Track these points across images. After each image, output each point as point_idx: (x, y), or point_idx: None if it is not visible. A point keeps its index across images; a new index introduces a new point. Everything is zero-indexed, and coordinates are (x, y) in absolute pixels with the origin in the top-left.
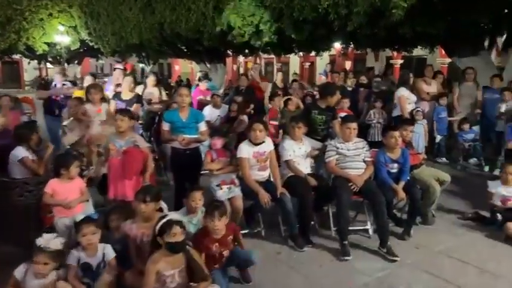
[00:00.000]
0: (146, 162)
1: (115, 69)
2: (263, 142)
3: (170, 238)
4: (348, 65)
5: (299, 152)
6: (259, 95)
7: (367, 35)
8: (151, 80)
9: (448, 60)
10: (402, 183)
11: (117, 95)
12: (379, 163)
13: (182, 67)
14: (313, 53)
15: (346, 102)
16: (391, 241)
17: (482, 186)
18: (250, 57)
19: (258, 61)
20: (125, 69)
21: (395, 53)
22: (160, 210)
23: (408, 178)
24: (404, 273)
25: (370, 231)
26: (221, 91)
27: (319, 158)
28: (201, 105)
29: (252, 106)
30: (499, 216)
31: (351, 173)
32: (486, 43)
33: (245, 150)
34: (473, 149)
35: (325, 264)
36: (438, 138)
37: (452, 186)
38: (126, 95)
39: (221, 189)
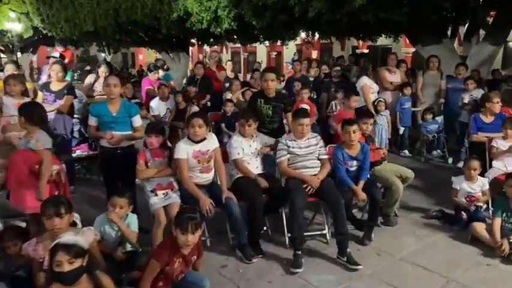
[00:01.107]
0: (40, 166)
1: (48, 57)
2: (204, 139)
3: (55, 267)
4: (314, 54)
5: (249, 149)
6: (216, 86)
7: (329, 22)
8: (102, 70)
9: (413, 49)
10: (362, 183)
11: (45, 86)
12: (337, 160)
13: (146, 56)
14: (279, 42)
15: (306, 93)
16: (351, 247)
17: (446, 180)
18: (216, 46)
19: (224, 50)
20: (61, 57)
21: (361, 43)
22: (74, 224)
23: (368, 176)
24: (364, 287)
25: (328, 236)
26: (184, 81)
27: (269, 157)
28: (150, 96)
29: (208, 97)
30: (464, 215)
31: (305, 174)
32: (449, 32)
33: (183, 149)
34: (436, 141)
35: (275, 279)
36: (402, 129)
37: (416, 180)
38: (55, 86)
39: (156, 195)
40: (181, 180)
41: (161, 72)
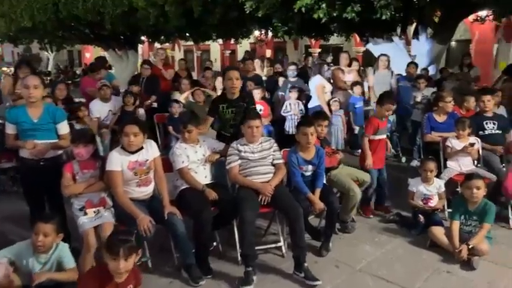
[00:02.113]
0: None
1: None
2: (142, 148)
3: None
4: (268, 53)
5: (194, 156)
6: (164, 85)
7: (281, 20)
8: (23, 71)
9: (363, 48)
10: (318, 191)
11: None
12: (292, 164)
13: (94, 54)
14: (232, 41)
15: (259, 93)
16: (308, 259)
17: (401, 180)
18: (167, 44)
19: (177, 48)
20: None
21: (313, 42)
22: None
23: (324, 182)
24: None
25: (284, 249)
26: None
27: (221, 163)
28: (90, 98)
29: (154, 98)
30: (422, 218)
31: (257, 181)
32: (398, 30)
33: (117, 160)
34: (389, 140)
35: None
36: (357, 129)
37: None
38: None
39: (85, 214)
40: (114, 196)
41: (103, 72)
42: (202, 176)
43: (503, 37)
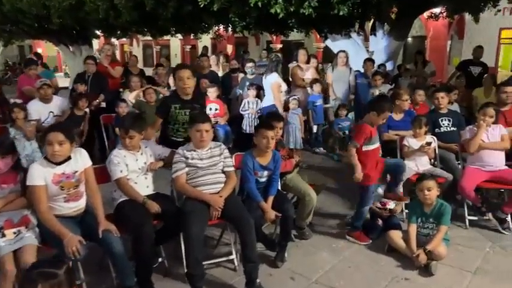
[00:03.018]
0: None
1: None
2: (69, 159)
3: None
4: (230, 49)
5: (135, 165)
6: (112, 83)
7: (238, 15)
8: None
9: (324, 45)
10: (271, 199)
11: None
12: (247, 169)
13: (47, 50)
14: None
15: (215, 91)
16: (262, 271)
17: None
18: (125, 39)
19: (135, 43)
20: None
21: (275, 37)
22: None
23: (279, 188)
24: None
25: (236, 262)
26: None
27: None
28: (28, 98)
29: (102, 97)
30: (379, 222)
31: (207, 192)
32: (357, 27)
33: (39, 173)
34: (348, 137)
35: None
36: (315, 128)
37: (330, 182)
38: None
39: (3, 235)
40: (37, 213)
41: (39, 68)
42: (144, 186)
43: (455, 34)
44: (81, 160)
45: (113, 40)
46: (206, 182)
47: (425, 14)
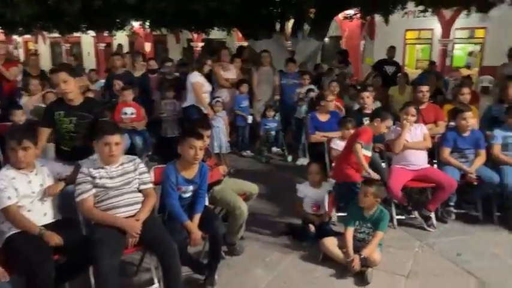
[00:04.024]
0: None
1: None
2: None
3: None
4: (148, 47)
5: (27, 188)
6: (7, 87)
7: (155, 11)
8: None
9: (246, 43)
10: (198, 217)
11: None
12: (169, 184)
13: None
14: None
15: (129, 94)
16: None
17: (289, 182)
18: (29, 36)
19: (41, 41)
20: None
21: (195, 36)
22: None
23: (206, 204)
24: None
25: None
26: None
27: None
28: None
29: None
30: (312, 228)
31: (120, 216)
32: (278, 27)
33: None
34: (274, 138)
35: None
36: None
37: (259, 187)
38: None
39: None
40: None
41: None
42: (40, 214)
43: (367, 35)
44: None
45: (15, 37)
46: (119, 204)
47: (341, 15)
